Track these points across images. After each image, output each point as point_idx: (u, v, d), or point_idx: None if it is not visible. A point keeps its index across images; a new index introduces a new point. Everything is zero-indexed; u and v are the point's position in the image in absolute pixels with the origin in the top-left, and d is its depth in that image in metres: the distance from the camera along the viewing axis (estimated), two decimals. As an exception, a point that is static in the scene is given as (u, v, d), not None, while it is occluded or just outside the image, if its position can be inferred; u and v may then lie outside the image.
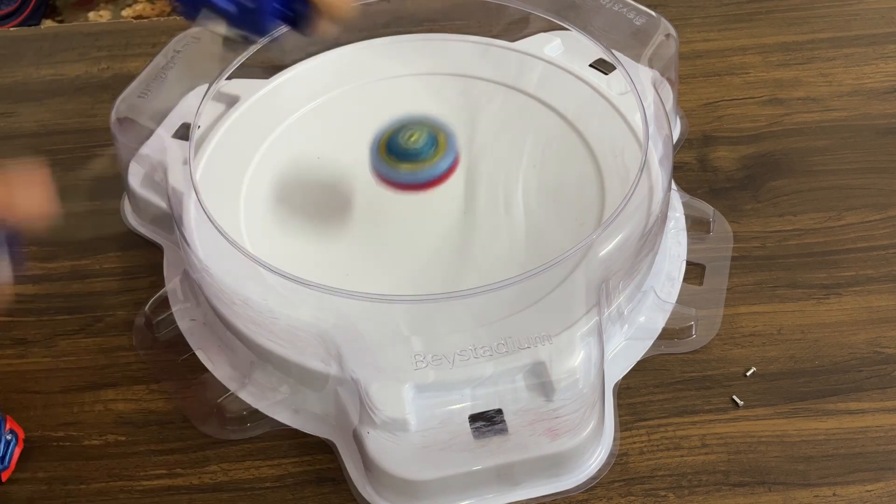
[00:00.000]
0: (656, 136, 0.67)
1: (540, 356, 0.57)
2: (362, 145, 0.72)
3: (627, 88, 0.69)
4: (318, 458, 0.61)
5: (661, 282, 0.67)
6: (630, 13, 0.75)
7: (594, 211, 0.66)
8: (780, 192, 0.73)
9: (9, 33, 0.92)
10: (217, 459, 0.61)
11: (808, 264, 0.69)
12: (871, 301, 0.67)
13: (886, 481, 0.58)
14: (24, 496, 0.60)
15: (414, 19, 0.80)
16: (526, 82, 0.75)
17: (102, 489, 0.60)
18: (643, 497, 0.58)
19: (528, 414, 0.57)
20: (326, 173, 0.70)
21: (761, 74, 0.82)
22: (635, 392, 0.63)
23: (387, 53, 0.78)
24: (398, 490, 0.57)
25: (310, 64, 0.77)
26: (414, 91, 0.76)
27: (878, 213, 0.72)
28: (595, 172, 0.68)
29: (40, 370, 0.66)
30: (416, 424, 0.56)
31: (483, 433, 0.56)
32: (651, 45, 0.73)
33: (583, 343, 0.58)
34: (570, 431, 0.56)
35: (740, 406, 0.62)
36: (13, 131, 0.82)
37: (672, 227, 0.70)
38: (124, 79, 0.76)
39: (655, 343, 0.64)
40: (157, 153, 0.70)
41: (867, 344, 0.64)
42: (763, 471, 0.59)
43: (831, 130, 0.78)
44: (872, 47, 0.84)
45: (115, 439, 0.62)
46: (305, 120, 0.74)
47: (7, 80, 0.87)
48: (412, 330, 0.58)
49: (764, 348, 0.64)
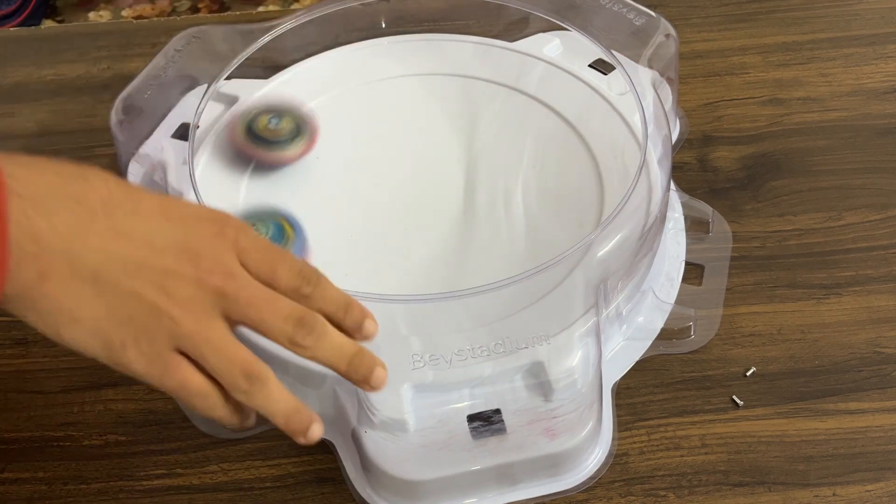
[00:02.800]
0: (655, 136, 0.67)
1: (538, 356, 0.57)
2: (362, 145, 0.72)
3: (627, 89, 0.69)
4: (318, 458, 0.61)
5: (660, 282, 0.67)
6: (630, 13, 0.75)
7: (593, 211, 0.66)
8: (780, 192, 0.73)
9: (9, 33, 0.92)
10: (217, 459, 0.61)
11: (808, 264, 0.69)
12: (871, 301, 0.67)
13: (886, 481, 0.58)
14: (24, 496, 0.60)
15: (413, 19, 0.80)
16: (525, 82, 0.75)
17: (102, 489, 0.60)
18: (643, 497, 0.58)
19: (526, 414, 0.57)
20: (325, 173, 0.70)
21: (761, 74, 0.82)
22: (635, 392, 0.63)
23: (386, 53, 0.78)
24: (396, 490, 0.57)
25: (309, 64, 0.77)
26: (413, 91, 0.76)
27: (878, 213, 0.72)
28: (594, 173, 0.68)
29: (40, 370, 0.66)
30: (415, 424, 0.56)
31: (481, 433, 0.56)
32: (651, 45, 0.73)
33: (581, 343, 0.58)
34: (568, 431, 0.56)
35: (740, 406, 0.62)
36: (13, 131, 0.82)
37: (671, 228, 0.70)
38: (124, 79, 0.76)
39: (654, 343, 0.64)
40: (156, 153, 0.70)
41: (867, 344, 0.64)
42: (763, 471, 0.59)
43: (831, 130, 0.78)
44: (872, 47, 0.84)
45: (115, 439, 0.62)
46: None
47: (7, 80, 0.87)
48: (411, 330, 0.58)
49: (764, 348, 0.64)
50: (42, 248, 0.42)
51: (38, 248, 0.41)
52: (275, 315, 0.46)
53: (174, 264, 0.45)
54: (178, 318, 0.44)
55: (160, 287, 0.44)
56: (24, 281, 0.41)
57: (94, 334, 0.44)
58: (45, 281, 0.42)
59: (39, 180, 0.43)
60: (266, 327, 0.46)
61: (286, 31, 0.74)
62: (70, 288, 0.43)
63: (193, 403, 0.46)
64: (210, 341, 0.45)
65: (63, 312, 0.43)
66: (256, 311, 0.46)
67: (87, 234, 0.43)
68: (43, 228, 0.42)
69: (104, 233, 0.43)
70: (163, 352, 0.44)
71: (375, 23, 0.80)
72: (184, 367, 0.45)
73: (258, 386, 0.46)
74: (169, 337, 0.44)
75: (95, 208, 0.44)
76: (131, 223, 0.44)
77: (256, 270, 0.47)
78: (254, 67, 0.74)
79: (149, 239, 0.44)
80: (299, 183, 0.69)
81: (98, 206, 0.44)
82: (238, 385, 0.46)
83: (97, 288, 0.43)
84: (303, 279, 0.47)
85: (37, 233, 0.41)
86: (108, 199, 0.44)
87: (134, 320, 0.44)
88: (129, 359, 0.44)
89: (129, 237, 0.44)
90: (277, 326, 0.46)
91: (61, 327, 0.43)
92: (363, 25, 0.80)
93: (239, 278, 0.46)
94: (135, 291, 0.44)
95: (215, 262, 0.45)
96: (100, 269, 0.43)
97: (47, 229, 0.42)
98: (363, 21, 0.79)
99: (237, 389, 0.46)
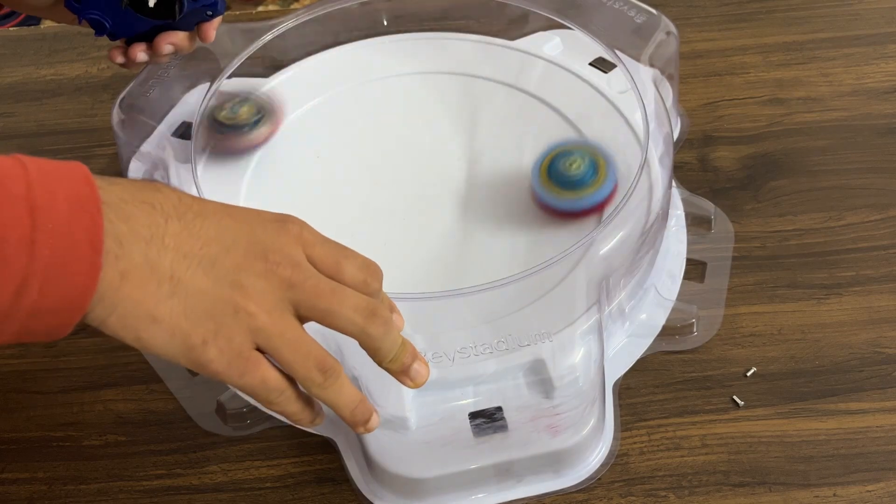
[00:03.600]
0: (656, 133, 0.67)
1: (540, 353, 0.57)
2: (362, 144, 0.72)
3: (627, 87, 0.69)
4: (318, 457, 0.60)
5: (662, 279, 0.67)
6: (630, 11, 0.75)
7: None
8: (781, 192, 0.73)
9: (9, 33, 0.92)
10: (217, 459, 0.61)
11: (808, 264, 0.69)
12: (872, 301, 0.66)
13: (886, 481, 0.58)
14: (24, 496, 0.60)
15: (414, 18, 0.80)
16: (526, 81, 0.75)
17: (102, 489, 0.60)
18: (643, 497, 0.58)
19: (528, 411, 0.57)
20: (326, 172, 0.70)
21: (762, 74, 0.82)
22: (636, 392, 0.63)
23: (387, 52, 0.78)
24: (398, 487, 0.56)
25: (310, 62, 0.77)
26: (414, 89, 0.76)
27: (878, 213, 0.72)
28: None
29: (40, 370, 0.66)
30: (417, 421, 0.56)
31: (483, 430, 0.56)
32: (652, 42, 0.73)
33: (583, 340, 0.58)
34: (570, 428, 0.56)
35: (740, 406, 0.62)
36: (13, 131, 0.82)
37: (673, 225, 0.70)
38: (124, 79, 0.76)
39: (656, 340, 0.64)
40: (158, 151, 0.70)
41: (867, 344, 0.64)
42: (763, 471, 0.59)
43: (832, 130, 0.78)
44: (873, 47, 0.84)
45: (115, 439, 0.62)
46: (306, 118, 0.74)
47: (7, 80, 0.87)
48: (413, 327, 0.58)
49: (764, 348, 0.64)
50: (123, 249, 0.43)
51: (119, 250, 0.43)
52: (344, 305, 0.47)
53: (244, 260, 0.46)
54: (253, 312, 0.45)
55: (233, 282, 0.45)
56: (107, 281, 0.42)
57: (174, 334, 0.44)
58: (126, 280, 0.43)
59: (116, 189, 0.44)
60: (335, 318, 0.47)
61: (287, 29, 0.74)
62: (148, 287, 0.44)
63: (271, 399, 0.47)
64: (284, 335, 0.46)
65: (142, 312, 0.44)
66: (325, 301, 0.46)
67: (162, 235, 0.44)
68: (123, 231, 0.43)
69: (178, 234, 0.45)
70: (242, 349, 0.45)
71: (376, 21, 0.80)
72: (263, 363, 0.46)
73: (332, 379, 0.47)
74: (247, 331, 0.45)
75: (168, 212, 0.45)
76: (201, 224, 0.46)
77: (322, 263, 0.48)
78: (255, 66, 0.74)
79: (218, 237, 0.46)
80: (301, 182, 0.69)
81: (171, 210, 0.45)
82: (313, 379, 0.47)
83: (174, 286, 0.44)
84: (368, 273, 0.49)
85: (118, 234, 0.43)
86: (178, 203, 0.46)
87: (212, 317, 0.45)
88: (210, 357, 0.45)
89: (199, 236, 0.45)
90: (347, 316, 0.47)
91: (141, 330, 0.44)
92: (364, 24, 0.79)
93: (305, 269, 0.47)
94: (210, 288, 0.45)
95: (282, 255, 0.46)
96: (176, 267, 0.44)
97: (127, 231, 0.43)
98: (364, 20, 0.79)
99: (312, 383, 0.47)
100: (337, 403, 0.48)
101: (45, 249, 0.40)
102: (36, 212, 0.41)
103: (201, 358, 0.45)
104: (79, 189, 0.42)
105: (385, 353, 0.48)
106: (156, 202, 0.45)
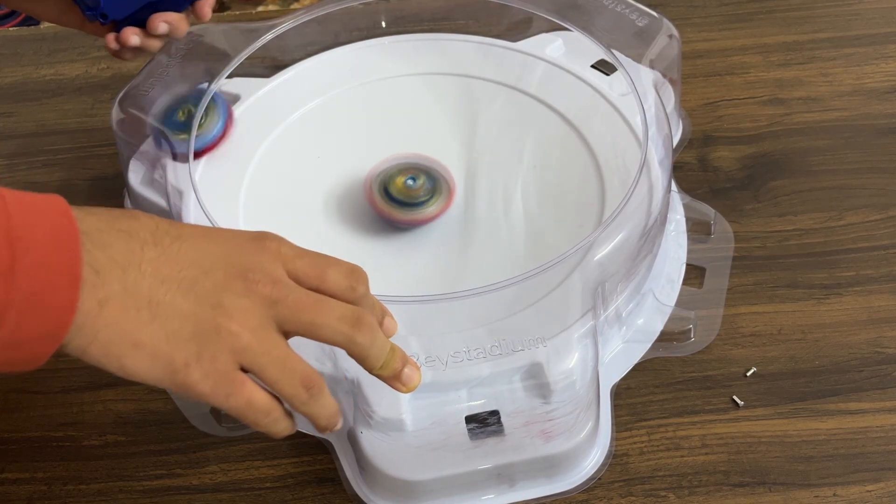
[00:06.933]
0: (656, 137, 0.67)
1: (536, 357, 0.57)
2: (363, 145, 0.72)
3: (628, 89, 0.69)
4: (317, 458, 0.60)
5: (660, 284, 0.67)
6: (632, 14, 0.75)
7: (594, 212, 0.66)
8: (781, 192, 0.73)
9: (9, 33, 0.92)
10: (217, 459, 0.61)
11: (808, 264, 0.69)
12: (872, 301, 0.66)
13: (886, 481, 0.58)
14: (24, 496, 0.60)
15: (415, 19, 0.80)
16: (527, 83, 0.75)
17: (102, 489, 0.60)
18: (643, 497, 0.58)
19: (523, 415, 0.56)
20: (326, 173, 0.70)
21: (762, 74, 0.82)
22: (635, 392, 0.63)
23: (388, 53, 0.78)
24: (393, 490, 0.56)
25: (311, 63, 0.77)
26: (415, 91, 0.76)
27: (878, 213, 0.72)
28: (595, 173, 0.68)
29: (40, 370, 0.65)
30: (412, 425, 0.56)
31: (478, 434, 0.56)
32: (653, 45, 0.73)
33: (579, 345, 0.58)
34: (564, 433, 0.56)
35: (740, 406, 0.62)
36: (13, 131, 0.82)
37: (673, 230, 0.69)
38: (124, 79, 0.76)
39: (653, 346, 0.64)
40: (157, 151, 0.70)
41: (867, 344, 0.64)
42: (763, 471, 0.59)
43: (832, 130, 0.78)
44: (873, 47, 0.84)
45: (115, 439, 0.62)
46: (306, 119, 0.74)
47: (7, 80, 0.87)
48: (409, 331, 0.58)
49: (764, 348, 0.64)
50: (101, 278, 0.43)
51: (97, 279, 0.43)
52: (329, 316, 0.46)
53: (224, 281, 0.45)
54: (236, 331, 0.45)
55: (215, 303, 0.45)
56: (85, 310, 0.42)
57: (156, 358, 0.44)
58: (105, 307, 0.43)
59: (92, 219, 0.44)
60: (320, 329, 0.46)
61: (287, 30, 0.74)
62: (128, 314, 0.43)
63: (257, 420, 0.47)
64: (270, 353, 0.45)
65: (124, 339, 0.44)
66: (308, 314, 0.46)
67: (139, 261, 0.44)
68: (100, 260, 0.43)
69: (155, 259, 0.45)
70: (227, 370, 0.45)
71: (376, 22, 0.80)
72: (248, 384, 0.46)
73: (316, 396, 0.47)
74: (230, 351, 0.45)
75: (145, 238, 0.45)
76: (178, 248, 0.46)
77: (304, 276, 0.47)
78: (255, 66, 0.74)
79: (197, 260, 0.46)
80: (301, 182, 0.69)
81: (147, 236, 0.45)
82: (299, 396, 0.46)
83: (153, 311, 0.44)
84: (353, 278, 0.48)
85: (95, 264, 0.43)
86: (155, 230, 0.46)
87: (194, 338, 0.44)
88: (195, 380, 0.44)
89: (177, 261, 0.45)
90: (333, 326, 0.46)
91: (123, 356, 0.44)
92: (364, 25, 0.79)
93: (286, 284, 0.46)
94: (191, 310, 0.45)
95: (262, 273, 0.46)
96: (154, 292, 0.44)
97: (104, 260, 0.43)
98: (364, 20, 0.79)
99: (298, 400, 0.47)
100: (318, 417, 0.48)
101: (24, 281, 0.40)
102: (15, 244, 0.40)
103: (186, 380, 0.44)
104: (57, 221, 0.42)
105: (374, 360, 0.48)
106: (132, 230, 0.45)
